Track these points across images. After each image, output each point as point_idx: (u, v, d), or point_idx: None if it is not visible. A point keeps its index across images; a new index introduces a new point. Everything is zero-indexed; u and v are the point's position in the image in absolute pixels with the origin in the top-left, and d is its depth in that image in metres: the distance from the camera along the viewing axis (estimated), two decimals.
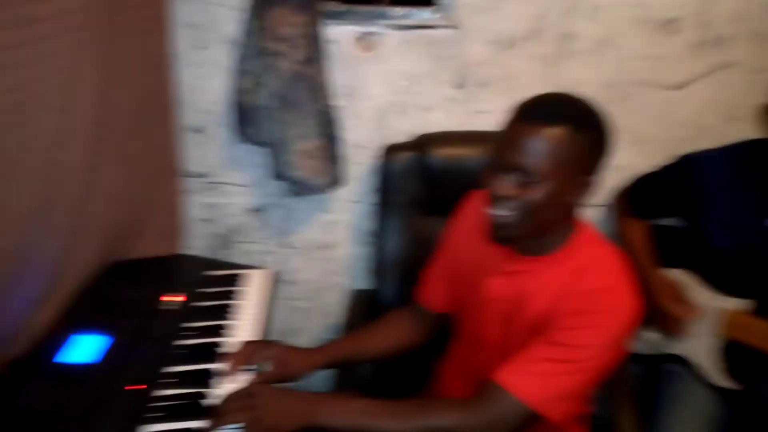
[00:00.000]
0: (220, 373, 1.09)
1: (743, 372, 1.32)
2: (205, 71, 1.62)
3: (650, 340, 1.44)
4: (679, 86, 1.60)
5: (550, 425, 1.01)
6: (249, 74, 1.55)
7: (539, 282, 1.06)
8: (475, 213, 1.13)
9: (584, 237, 1.07)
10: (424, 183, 1.55)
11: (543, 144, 0.94)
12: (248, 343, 1.14)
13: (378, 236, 1.62)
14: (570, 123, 0.95)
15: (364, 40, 1.59)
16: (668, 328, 1.38)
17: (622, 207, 1.56)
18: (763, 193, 1.30)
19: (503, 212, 0.99)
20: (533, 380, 0.99)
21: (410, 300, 1.34)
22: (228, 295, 1.31)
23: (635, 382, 1.41)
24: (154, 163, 1.56)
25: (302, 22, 1.49)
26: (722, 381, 1.35)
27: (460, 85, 1.62)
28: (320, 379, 1.28)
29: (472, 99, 1.64)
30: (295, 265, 1.83)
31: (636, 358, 1.49)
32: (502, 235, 1.03)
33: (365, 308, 1.63)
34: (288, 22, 1.48)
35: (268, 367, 1.13)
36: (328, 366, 1.23)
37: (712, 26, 1.53)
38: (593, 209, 1.71)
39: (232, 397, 1.00)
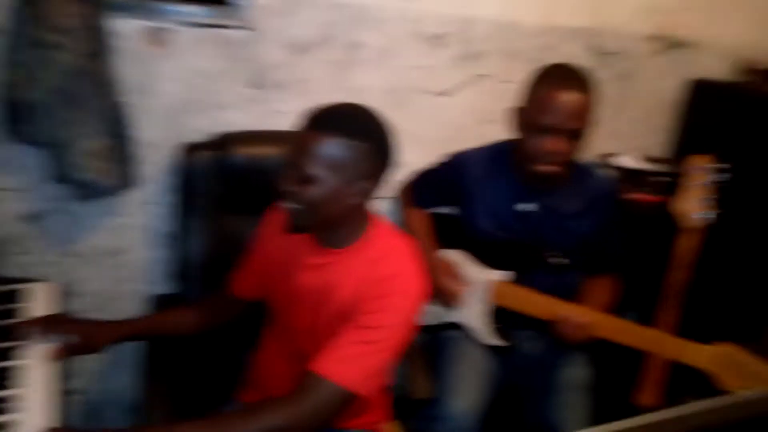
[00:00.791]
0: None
1: (507, 331, 1.61)
2: None
3: (433, 312, 1.67)
4: (446, 93, 1.85)
5: (362, 401, 1.14)
6: (21, 67, 1.39)
7: (341, 272, 1.18)
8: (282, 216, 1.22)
9: (379, 229, 1.22)
10: (226, 182, 1.56)
11: (318, 150, 1.08)
12: (48, 316, 1.16)
13: (179, 238, 1.58)
14: (344, 133, 1.08)
15: (154, 35, 1.54)
16: (446, 302, 1.61)
17: (405, 199, 1.76)
18: (514, 184, 1.58)
19: (289, 204, 1.12)
20: (346, 364, 1.10)
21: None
22: (6, 314, 1.18)
23: (424, 350, 1.62)
24: None
25: (83, 12, 1.39)
26: (492, 340, 1.62)
27: (258, 86, 1.66)
28: None
29: (269, 100, 1.69)
30: (82, 274, 1.69)
31: (423, 328, 1.72)
32: (292, 225, 1.16)
33: None
34: (67, 12, 1.37)
35: (72, 340, 1.16)
36: (133, 338, 1.29)
37: (471, 43, 1.80)
38: (385, 201, 1.90)
39: None
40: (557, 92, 1.41)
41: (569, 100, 1.40)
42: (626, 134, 2.09)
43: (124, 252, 1.72)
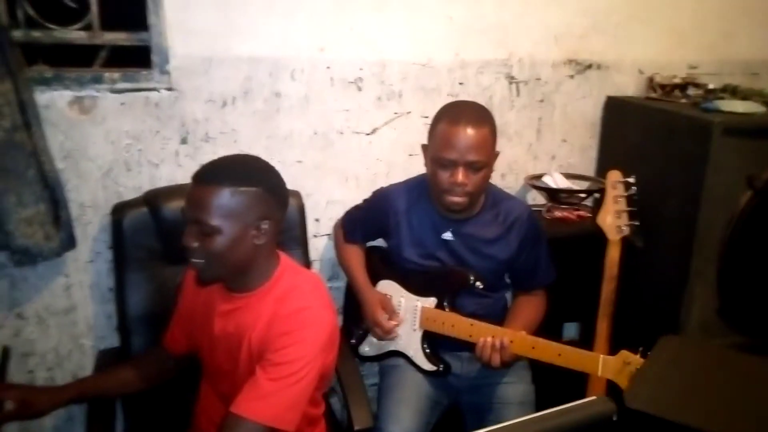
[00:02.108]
0: None
1: (440, 355, 1.67)
2: None
3: (374, 344, 1.74)
4: (371, 131, 1.95)
5: None
6: None
7: (252, 315, 1.25)
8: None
9: (284, 268, 1.29)
10: (159, 235, 1.63)
11: (209, 201, 1.15)
12: None
13: (119, 293, 1.65)
14: (230, 183, 1.16)
15: (78, 103, 1.63)
16: (383, 334, 1.68)
17: (338, 236, 1.84)
18: (433, 214, 1.66)
19: (195, 259, 1.19)
20: (263, 402, 1.16)
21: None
22: None
23: (364, 379, 1.68)
24: None
25: (5, 90, 1.48)
26: (427, 365, 1.67)
27: (187, 141, 1.75)
28: None
29: (200, 153, 1.77)
30: (29, 336, 1.75)
31: (367, 359, 1.78)
32: (200, 279, 1.23)
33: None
34: None
35: (9, 406, 1.21)
36: (77, 401, 1.34)
37: (387, 84, 1.91)
38: (320, 239, 1.99)
39: None
40: (454, 129, 1.51)
41: (465, 136, 1.50)
42: (551, 155, 2.19)
43: (71, 310, 1.78)
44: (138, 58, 1.70)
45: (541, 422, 0.70)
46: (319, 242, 1.99)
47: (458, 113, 1.55)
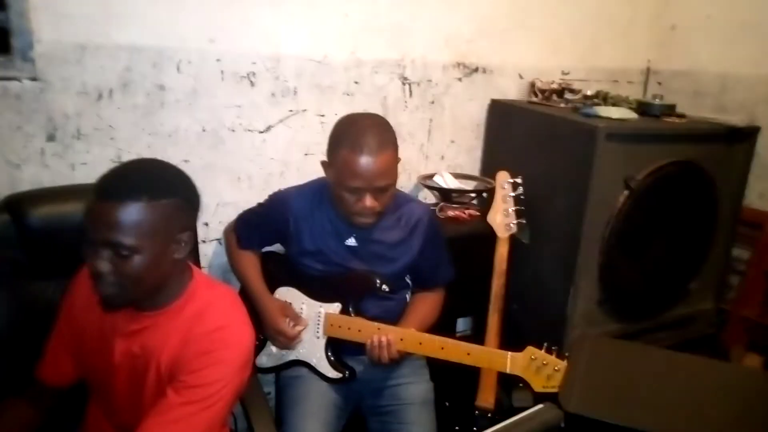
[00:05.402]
0: None
1: (343, 361, 1.63)
2: None
3: (273, 354, 1.65)
4: (265, 129, 1.85)
5: None
6: None
7: (162, 334, 1.12)
8: (90, 283, 1.13)
9: (197, 283, 1.18)
10: (23, 246, 1.42)
11: (123, 220, 1.00)
12: None
13: None
14: (145, 196, 1.02)
15: None
16: (287, 342, 1.61)
17: (231, 241, 1.72)
18: (335, 220, 1.61)
19: (107, 284, 1.04)
20: (174, 427, 1.06)
21: (25, 377, 1.25)
22: None
23: (265, 392, 1.59)
24: None
25: None
26: (331, 372, 1.63)
27: (55, 138, 1.55)
28: None
29: (68, 151, 1.58)
30: None
31: (265, 371, 1.69)
32: (113, 306, 1.08)
33: None
34: None
35: None
36: None
37: (281, 80, 1.82)
38: (209, 244, 1.86)
39: None
40: (358, 158, 1.44)
41: (371, 165, 1.44)
42: (441, 155, 2.23)
43: None
44: None
45: None
46: (208, 248, 1.86)
47: (360, 140, 1.46)
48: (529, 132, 2.08)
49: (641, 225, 1.92)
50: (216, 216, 1.84)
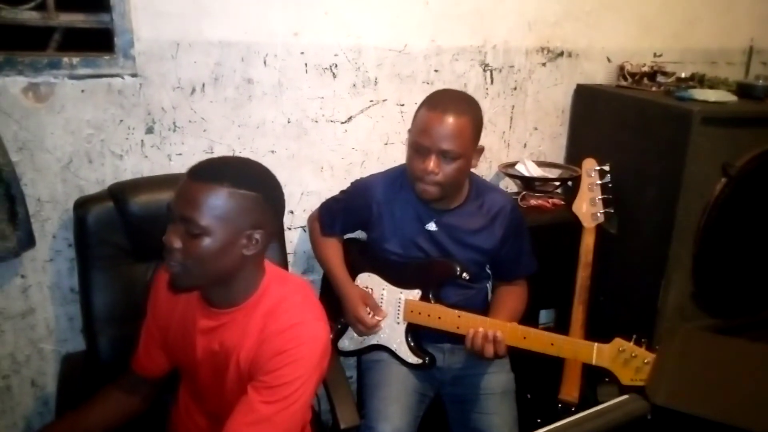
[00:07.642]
0: None
1: (424, 348, 1.65)
2: None
3: (355, 338, 1.69)
4: (347, 119, 1.89)
5: None
6: None
7: (238, 332, 1.15)
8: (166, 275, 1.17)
9: (270, 279, 1.19)
10: (126, 232, 1.53)
11: (203, 200, 1.04)
12: None
13: (82, 293, 1.54)
14: (228, 183, 1.06)
15: (33, 90, 1.50)
16: (366, 330, 1.64)
17: (314, 229, 1.78)
18: (416, 204, 1.62)
19: (175, 261, 1.07)
20: (259, 427, 1.08)
21: (127, 360, 1.34)
22: None
23: (346, 376, 1.63)
24: None
25: None
26: (411, 358, 1.65)
27: (153, 131, 1.65)
28: None
29: (167, 143, 1.67)
30: None
31: (347, 354, 1.73)
32: (174, 285, 1.11)
33: (79, 372, 1.54)
34: None
35: None
36: None
37: (363, 70, 1.85)
38: (294, 231, 1.92)
39: None
40: (432, 115, 1.47)
41: (441, 123, 1.46)
42: (524, 143, 2.19)
43: (30, 312, 1.66)
44: (96, 42, 1.58)
45: (578, 426, 0.68)
46: (293, 234, 1.93)
47: (440, 100, 1.51)
48: (617, 117, 2.00)
49: (740, 215, 1.80)
50: (300, 204, 1.90)
